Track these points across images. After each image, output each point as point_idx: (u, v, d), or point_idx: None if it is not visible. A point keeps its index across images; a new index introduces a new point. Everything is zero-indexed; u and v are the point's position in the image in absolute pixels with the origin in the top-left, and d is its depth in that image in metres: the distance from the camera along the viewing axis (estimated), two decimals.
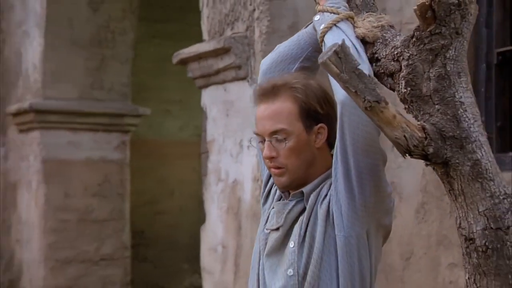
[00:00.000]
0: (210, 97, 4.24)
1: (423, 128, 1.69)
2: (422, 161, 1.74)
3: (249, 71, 3.88)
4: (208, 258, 4.20)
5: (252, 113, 3.70)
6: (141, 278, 7.48)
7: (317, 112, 1.91)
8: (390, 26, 1.91)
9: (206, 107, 4.27)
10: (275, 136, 1.91)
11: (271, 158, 1.92)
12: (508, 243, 1.69)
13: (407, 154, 1.70)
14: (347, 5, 1.92)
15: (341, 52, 1.64)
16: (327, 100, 1.90)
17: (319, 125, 1.92)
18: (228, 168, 4.03)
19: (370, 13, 1.91)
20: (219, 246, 4.03)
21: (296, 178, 1.94)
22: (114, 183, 6.62)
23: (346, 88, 1.65)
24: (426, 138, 1.68)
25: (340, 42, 1.66)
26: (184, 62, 4.35)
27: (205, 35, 4.33)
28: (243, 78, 3.93)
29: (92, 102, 6.45)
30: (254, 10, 3.90)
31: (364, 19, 1.89)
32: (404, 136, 1.67)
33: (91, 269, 6.57)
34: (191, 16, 6.28)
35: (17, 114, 6.68)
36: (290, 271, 1.91)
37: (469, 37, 1.76)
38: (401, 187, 3.82)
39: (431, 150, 1.69)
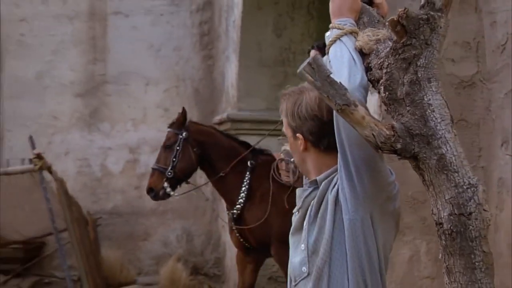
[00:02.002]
0: None
1: (392, 127, 1.72)
2: None
3: None
4: None
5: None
6: None
7: (291, 124, 1.99)
8: (389, 39, 1.92)
9: None
10: None
11: None
12: (470, 227, 1.67)
13: (379, 150, 1.73)
14: (353, 22, 1.93)
15: (314, 63, 1.70)
16: (298, 115, 1.96)
17: (297, 134, 1.98)
18: None
19: (371, 28, 1.92)
20: None
21: (300, 169, 2.09)
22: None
23: (320, 94, 1.72)
24: (393, 135, 1.71)
25: (313, 55, 1.74)
26: None
27: None
28: None
29: (277, 112, 6.68)
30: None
31: (364, 34, 1.92)
32: (372, 134, 1.70)
33: None
34: None
35: (219, 123, 7.16)
36: (302, 246, 1.96)
37: (440, 46, 1.75)
38: (508, 182, 3.63)
39: (399, 146, 1.71)
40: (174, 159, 5.26)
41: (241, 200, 5.38)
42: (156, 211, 7.59)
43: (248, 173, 5.43)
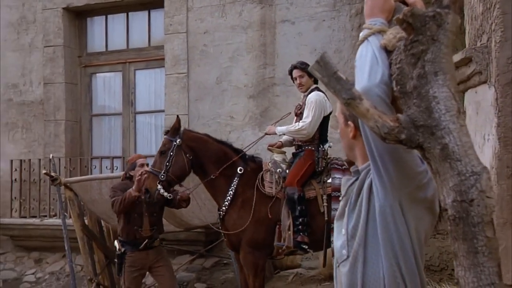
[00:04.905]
0: (468, 99, 4.15)
1: (397, 119, 1.73)
2: None
3: (488, 76, 3.75)
4: None
5: (492, 111, 3.65)
6: None
7: (344, 112, 2.03)
8: None
9: (466, 108, 4.19)
10: None
11: None
12: (472, 213, 1.65)
13: (384, 140, 1.75)
14: (384, 21, 1.94)
15: (321, 61, 1.76)
16: None
17: (348, 122, 2.01)
18: None
19: (396, 27, 1.92)
20: None
21: (347, 155, 2.10)
22: None
23: (328, 89, 1.79)
24: (397, 127, 1.72)
25: (321, 54, 1.80)
26: None
27: (467, 47, 4.25)
28: (484, 82, 3.80)
29: None
30: (492, 23, 3.76)
31: (389, 32, 1.92)
32: (376, 125, 1.73)
33: (430, 241, 6.67)
34: None
35: None
36: (343, 231, 2.01)
37: (448, 42, 1.72)
38: None
39: (403, 136, 1.72)
40: (167, 164, 5.43)
41: (226, 203, 5.45)
42: None
43: (236, 178, 5.48)
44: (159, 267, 5.92)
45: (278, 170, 5.56)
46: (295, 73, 5.88)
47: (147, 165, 5.93)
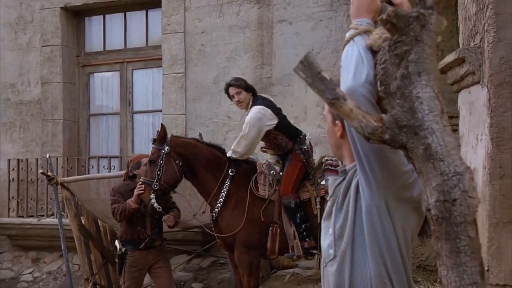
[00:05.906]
0: (461, 99, 4.16)
1: (381, 119, 1.74)
2: None
3: (481, 76, 3.75)
4: None
5: (485, 112, 3.65)
6: None
7: (332, 111, 2.02)
8: None
9: (459, 108, 4.20)
10: None
11: None
12: (455, 213, 1.65)
13: (368, 140, 1.76)
14: (370, 22, 1.95)
15: (305, 61, 1.78)
16: None
17: (336, 121, 2.02)
18: (471, 158, 3.93)
19: (382, 27, 1.93)
20: None
21: (334, 153, 2.11)
22: None
23: (312, 89, 1.79)
24: (381, 127, 1.72)
25: (305, 54, 1.81)
26: (442, 71, 4.32)
27: (460, 47, 4.26)
28: (477, 82, 3.81)
29: None
30: (485, 24, 3.77)
31: (375, 32, 1.93)
32: (360, 125, 1.74)
33: (426, 241, 6.64)
34: None
35: None
36: (330, 231, 2.01)
37: (432, 42, 1.73)
38: None
39: (387, 136, 1.72)
40: (158, 173, 5.42)
41: (219, 205, 5.46)
42: None
43: (228, 180, 5.46)
44: (159, 268, 5.95)
45: (271, 172, 5.56)
46: (231, 90, 5.86)
47: None
